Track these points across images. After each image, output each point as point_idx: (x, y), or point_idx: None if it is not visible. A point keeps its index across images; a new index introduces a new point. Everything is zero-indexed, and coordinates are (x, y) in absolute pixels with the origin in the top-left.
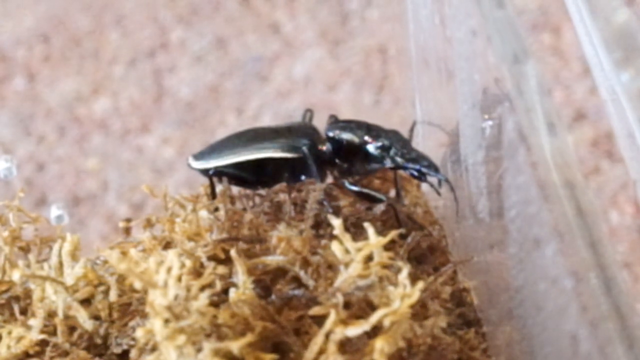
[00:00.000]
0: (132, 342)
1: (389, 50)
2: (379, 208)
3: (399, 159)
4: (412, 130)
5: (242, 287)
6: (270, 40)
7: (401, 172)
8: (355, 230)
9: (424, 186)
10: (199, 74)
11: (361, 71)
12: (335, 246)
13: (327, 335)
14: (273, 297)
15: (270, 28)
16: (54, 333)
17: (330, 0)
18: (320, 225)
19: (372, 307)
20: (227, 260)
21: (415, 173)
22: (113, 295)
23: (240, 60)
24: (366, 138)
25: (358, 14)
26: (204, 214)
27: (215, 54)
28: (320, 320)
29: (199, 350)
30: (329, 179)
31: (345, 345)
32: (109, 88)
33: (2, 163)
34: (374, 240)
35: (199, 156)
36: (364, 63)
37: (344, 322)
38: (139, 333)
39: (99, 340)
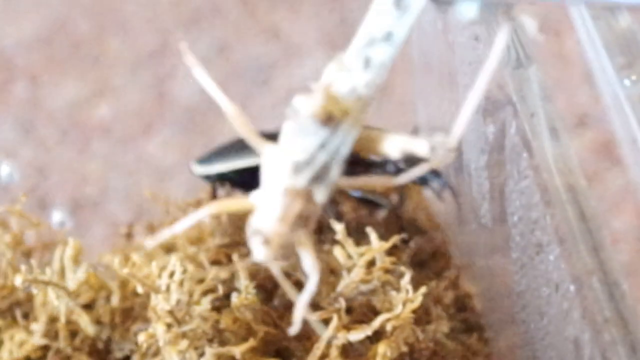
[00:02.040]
0: (134, 347)
1: None
2: (381, 213)
3: (400, 164)
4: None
5: (244, 291)
6: (272, 46)
7: None
8: (358, 235)
9: (426, 191)
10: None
11: None
12: (337, 251)
13: (330, 340)
14: (275, 302)
15: (272, 33)
16: (56, 338)
17: (333, 6)
18: (322, 230)
19: (374, 312)
20: (229, 265)
21: (417, 178)
22: (115, 300)
23: (242, 65)
24: None
25: (360, 19)
26: (206, 218)
27: (216, 59)
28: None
29: (201, 355)
30: None
31: (347, 350)
32: (110, 93)
33: (4, 168)
34: (376, 245)
35: (200, 161)
36: None
37: (346, 327)
38: (141, 338)
39: (101, 345)
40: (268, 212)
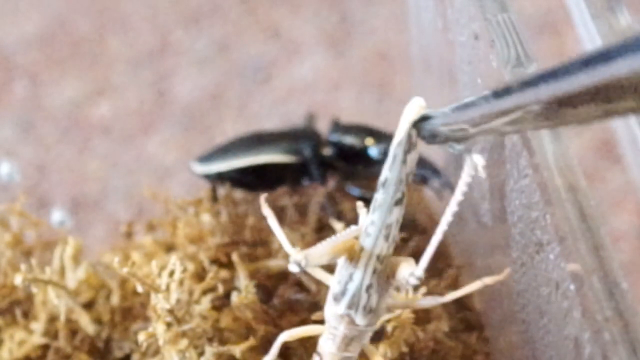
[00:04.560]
0: (134, 346)
1: (391, 53)
2: None
3: None
4: None
5: (244, 291)
6: (272, 44)
7: None
8: None
9: (426, 190)
10: (200, 78)
11: (363, 75)
12: None
13: None
14: (275, 301)
15: (272, 32)
16: (55, 337)
17: (333, 4)
18: (322, 229)
19: None
20: (229, 264)
21: (418, 177)
22: (115, 299)
23: (242, 64)
24: (368, 142)
25: (360, 17)
26: (206, 217)
27: (217, 58)
28: (322, 324)
29: (201, 354)
30: (331, 183)
31: None
32: (110, 92)
33: (4, 167)
34: None
35: (201, 160)
36: (366, 67)
37: None
38: (141, 337)
39: (100, 344)
40: (324, 335)
